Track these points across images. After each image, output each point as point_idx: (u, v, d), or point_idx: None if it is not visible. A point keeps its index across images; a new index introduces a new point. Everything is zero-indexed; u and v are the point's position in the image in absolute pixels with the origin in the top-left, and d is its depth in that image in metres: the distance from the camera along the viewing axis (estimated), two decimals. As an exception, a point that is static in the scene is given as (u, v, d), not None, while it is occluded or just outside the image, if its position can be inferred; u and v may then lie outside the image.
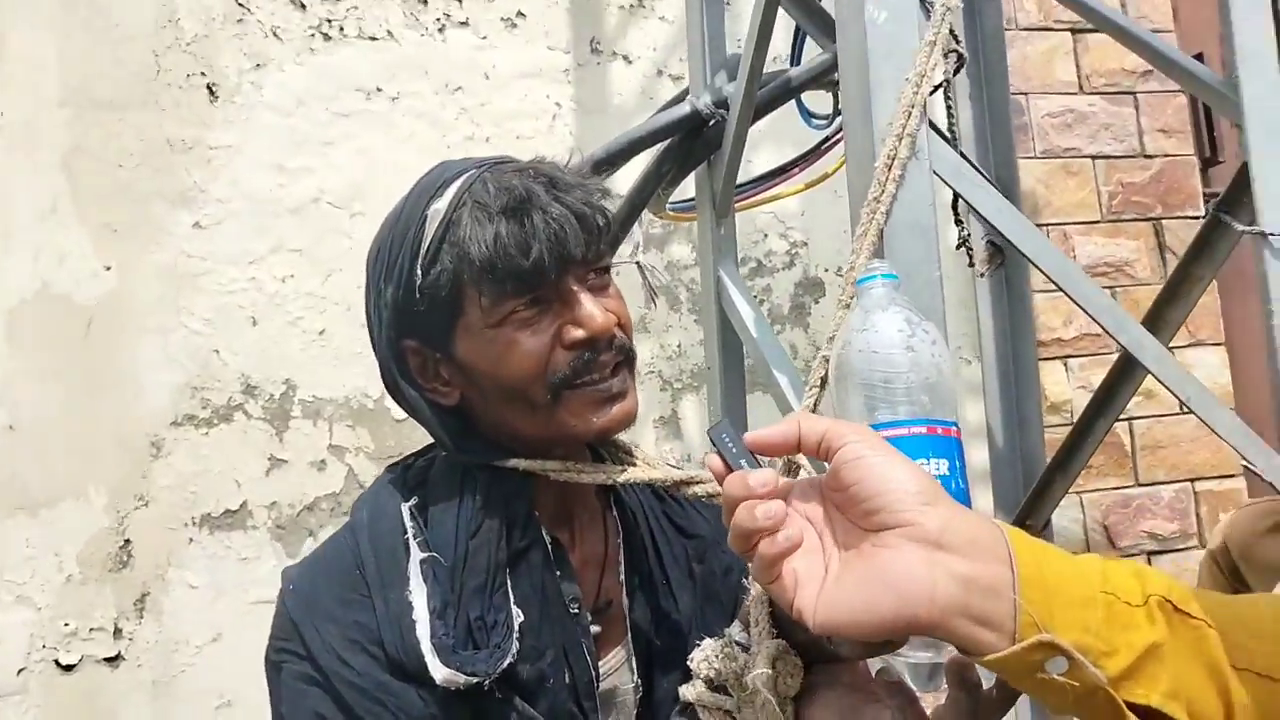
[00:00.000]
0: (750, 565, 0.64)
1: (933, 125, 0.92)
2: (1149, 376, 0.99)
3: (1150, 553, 2.27)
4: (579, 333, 0.83)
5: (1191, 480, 2.31)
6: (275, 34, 2.13)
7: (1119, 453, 2.28)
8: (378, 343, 0.89)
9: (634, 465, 0.93)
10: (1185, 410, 2.24)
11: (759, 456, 0.67)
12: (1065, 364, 2.27)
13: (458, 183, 0.85)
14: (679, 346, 2.24)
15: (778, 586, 0.62)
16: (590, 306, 0.84)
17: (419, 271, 0.84)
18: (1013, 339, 1.30)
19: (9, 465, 1.96)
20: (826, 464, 0.64)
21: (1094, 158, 2.34)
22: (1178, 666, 0.57)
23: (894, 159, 0.85)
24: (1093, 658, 0.55)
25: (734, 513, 0.63)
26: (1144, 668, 0.57)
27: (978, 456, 1.95)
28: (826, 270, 2.31)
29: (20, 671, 1.92)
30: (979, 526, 0.60)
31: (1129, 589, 0.59)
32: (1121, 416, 2.26)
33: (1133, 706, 0.56)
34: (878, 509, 0.60)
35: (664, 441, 2.22)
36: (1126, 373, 1.07)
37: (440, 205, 0.84)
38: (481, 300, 0.82)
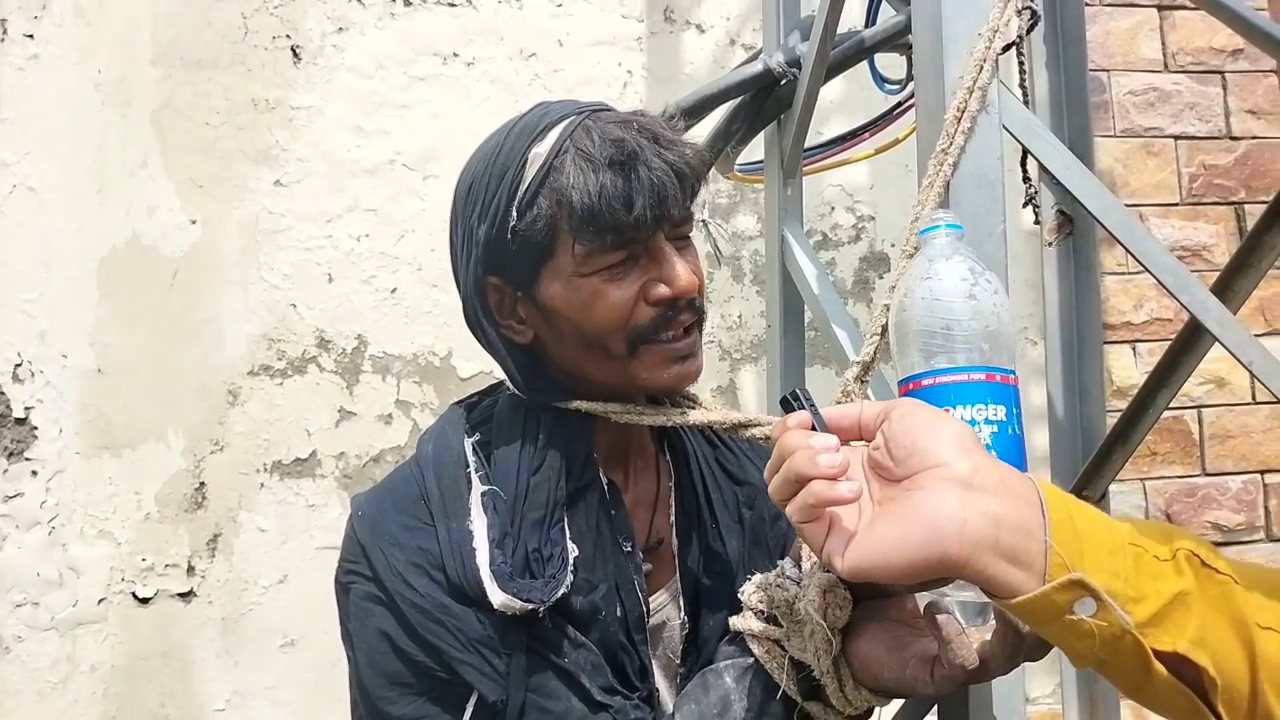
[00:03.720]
0: (789, 506, 0.65)
1: (1004, 85, 0.92)
2: (1220, 364, 0.97)
3: (1214, 544, 2.22)
4: (665, 290, 0.85)
5: (1261, 472, 2.25)
6: (358, -2, 2.19)
7: (1186, 440, 2.23)
8: (462, 277, 0.90)
9: (693, 410, 0.96)
10: (1257, 400, 2.19)
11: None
12: (1134, 348, 2.22)
13: (559, 128, 0.85)
14: (739, 317, 2.25)
15: (813, 529, 0.64)
16: (679, 266, 0.86)
17: (514, 213, 0.84)
18: (1078, 309, 1.29)
19: (96, 406, 2.06)
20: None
21: (1176, 138, 2.28)
22: (1204, 617, 0.58)
23: (964, 111, 0.85)
24: (1120, 602, 0.56)
25: (787, 457, 0.65)
26: (1171, 615, 0.57)
27: (1039, 440, 1.93)
28: (893, 245, 2.30)
29: (100, 601, 2.03)
30: (1010, 473, 0.62)
31: (1157, 543, 0.60)
32: (1190, 404, 2.23)
33: (1158, 655, 0.57)
34: (916, 453, 0.61)
35: (722, 411, 2.23)
36: (1191, 340, 1.06)
37: (542, 149, 0.84)
38: (575, 248, 0.83)
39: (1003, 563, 0.57)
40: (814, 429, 0.68)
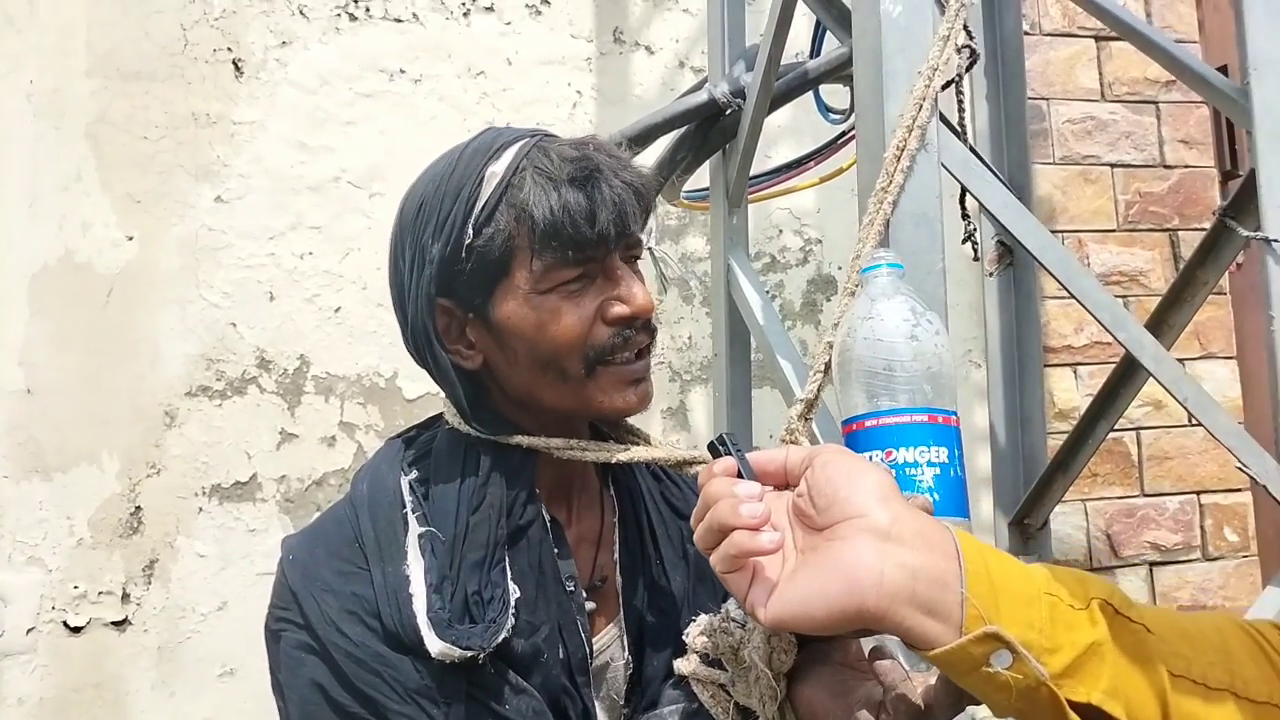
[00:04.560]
0: (712, 556, 0.66)
1: (944, 120, 0.93)
2: (1159, 386, 1.00)
3: (1153, 563, 2.27)
4: (623, 309, 0.85)
5: (1198, 493, 2.30)
6: (302, 12, 2.15)
7: (1125, 462, 2.28)
8: (412, 299, 0.87)
9: (637, 444, 0.95)
10: (1194, 422, 2.25)
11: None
12: (1075, 371, 2.27)
13: (515, 148, 0.85)
14: (689, 338, 2.25)
15: (737, 579, 0.64)
16: (635, 285, 0.85)
17: (470, 230, 0.83)
18: (1018, 338, 1.31)
19: (25, 428, 1.99)
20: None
21: (1113, 166, 2.33)
22: (1117, 666, 0.59)
23: (903, 150, 0.86)
24: (1035, 653, 0.56)
25: (711, 505, 0.66)
26: (1085, 665, 0.58)
27: (981, 462, 1.95)
28: (840, 268, 2.32)
29: (29, 631, 1.95)
30: (928, 523, 0.62)
31: (1072, 592, 0.61)
32: (1129, 426, 2.28)
33: (1073, 705, 0.57)
34: (836, 502, 0.62)
35: (671, 433, 2.23)
36: (1128, 374, 1.08)
37: (498, 167, 0.84)
38: (534, 264, 0.82)
39: (920, 615, 0.58)
40: (740, 475, 0.68)
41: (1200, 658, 0.61)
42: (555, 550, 0.87)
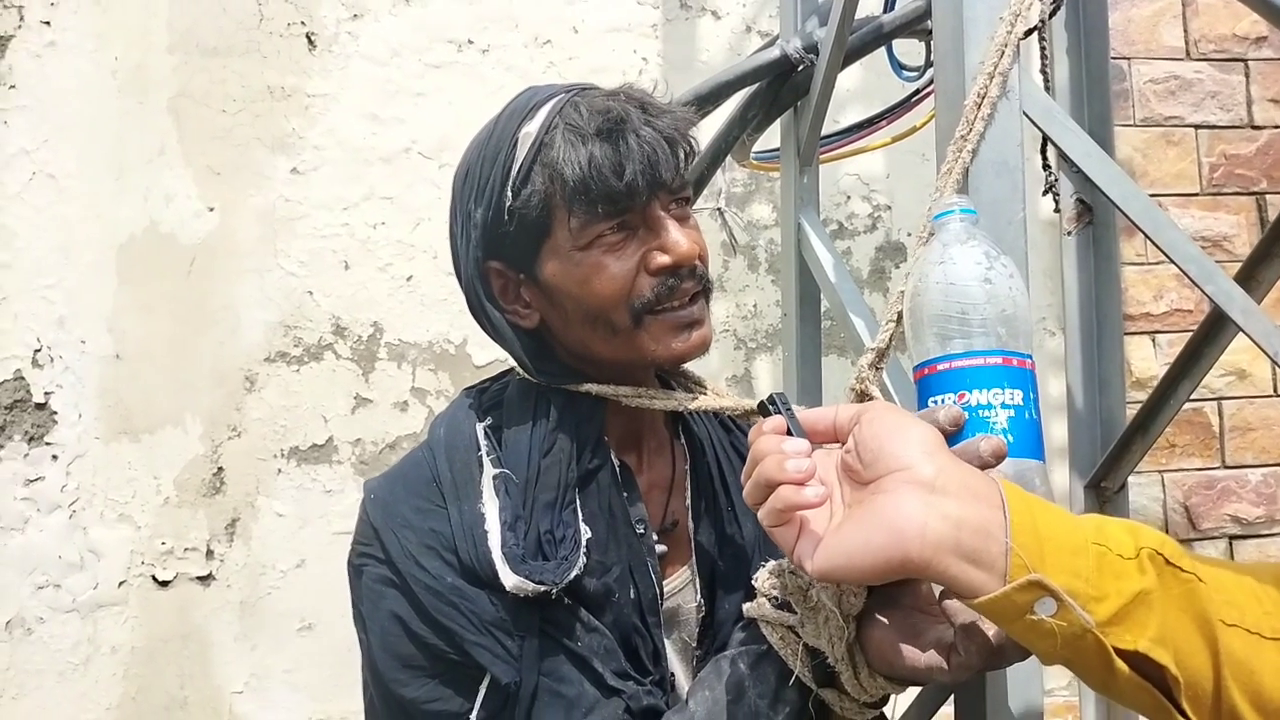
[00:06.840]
0: (760, 511, 0.67)
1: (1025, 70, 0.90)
2: (1242, 355, 0.96)
3: (1233, 537, 2.21)
4: (664, 259, 0.85)
5: (1282, 465, 2.23)
6: (373, -15, 2.19)
7: (1205, 433, 2.21)
8: (463, 264, 0.91)
9: (704, 394, 0.95)
10: (1279, 392, 2.17)
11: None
12: (1153, 339, 2.20)
13: (548, 105, 0.86)
14: (755, 306, 2.25)
15: (783, 533, 0.66)
16: (676, 234, 0.85)
17: (509, 193, 0.84)
18: (1097, 300, 1.28)
19: (114, 392, 2.08)
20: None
21: (1197, 127, 2.25)
22: (1166, 615, 0.58)
23: (984, 97, 0.84)
24: (1081, 602, 0.56)
25: (759, 461, 0.67)
26: (1132, 614, 0.58)
27: (1057, 431, 1.91)
28: (909, 235, 2.28)
29: (121, 584, 2.05)
30: (974, 475, 0.62)
31: (1121, 542, 0.61)
32: (1210, 396, 2.21)
33: (1120, 653, 0.57)
34: (882, 456, 0.63)
35: (736, 400, 2.23)
36: (1214, 332, 1.04)
37: (531, 128, 0.85)
38: (571, 222, 0.83)
39: (964, 564, 0.58)
40: (790, 433, 0.69)
41: (1255, 607, 0.61)
42: (625, 494, 0.89)
